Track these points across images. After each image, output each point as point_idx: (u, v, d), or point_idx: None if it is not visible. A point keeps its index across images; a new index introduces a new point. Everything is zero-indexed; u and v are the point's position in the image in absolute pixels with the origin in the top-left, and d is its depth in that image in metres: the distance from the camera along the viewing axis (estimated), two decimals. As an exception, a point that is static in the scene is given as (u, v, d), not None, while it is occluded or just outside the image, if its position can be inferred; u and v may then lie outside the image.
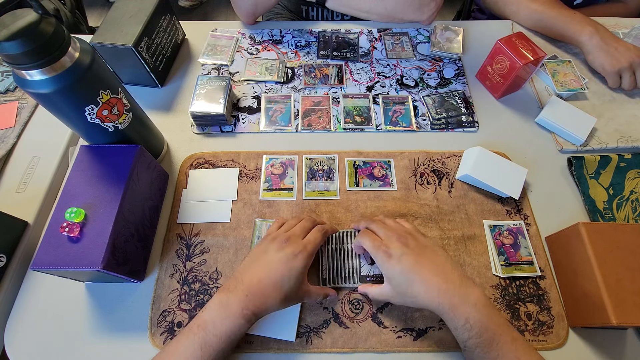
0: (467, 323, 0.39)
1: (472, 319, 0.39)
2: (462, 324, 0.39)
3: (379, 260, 0.44)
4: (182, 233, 0.54)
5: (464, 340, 0.40)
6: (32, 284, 0.51)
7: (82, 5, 1.15)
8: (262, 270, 0.43)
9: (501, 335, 0.39)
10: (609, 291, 0.42)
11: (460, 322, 0.39)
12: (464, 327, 0.39)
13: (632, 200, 0.57)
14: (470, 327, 0.39)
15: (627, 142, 0.63)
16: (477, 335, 0.39)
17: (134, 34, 0.60)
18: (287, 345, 0.47)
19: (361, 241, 0.47)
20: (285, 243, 0.45)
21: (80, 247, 0.42)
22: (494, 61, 0.66)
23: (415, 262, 0.42)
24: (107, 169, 0.47)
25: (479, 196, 0.58)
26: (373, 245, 0.44)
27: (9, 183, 0.58)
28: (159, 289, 0.50)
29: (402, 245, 0.43)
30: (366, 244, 0.45)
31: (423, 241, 0.45)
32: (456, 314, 0.39)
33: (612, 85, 0.69)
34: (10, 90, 0.68)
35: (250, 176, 0.59)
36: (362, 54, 0.75)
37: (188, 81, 0.71)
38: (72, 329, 0.48)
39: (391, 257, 0.42)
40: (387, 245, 0.44)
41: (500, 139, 0.64)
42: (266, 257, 0.44)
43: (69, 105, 0.42)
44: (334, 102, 0.68)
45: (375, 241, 0.45)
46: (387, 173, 0.60)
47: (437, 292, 0.40)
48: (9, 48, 0.36)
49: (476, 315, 0.39)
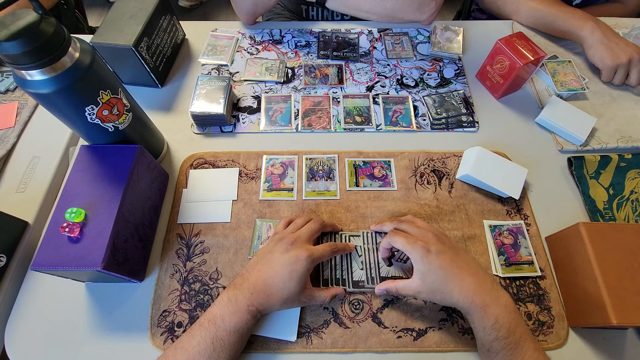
0: (496, 323, 0.40)
1: (501, 320, 0.40)
2: (492, 323, 0.40)
3: (417, 256, 0.43)
4: (182, 233, 0.54)
5: (490, 341, 0.40)
6: (32, 284, 0.51)
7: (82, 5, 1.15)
8: (267, 270, 0.44)
9: (526, 341, 0.40)
10: (609, 291, 0.42)
11: (490, 321, 0.40)
12: (492, 327, 0.40)
13: (632, 200, 0.57)
14: (499, 327, 0.39)
15: (627, 142, 0.63)
16: (504, 337, 0.39)
17: (134, 34, 0.60)
18: (287, 345, 0.47)
19: (392, 240, 0.46)
20: (290, 245, 0.45)
21: (80, 247, 0.42)
22: (494, 61, 0.66)
23: (452, 260, 0.43)
24: (107, 169, 0.47)
25: (479, 196, 0.58)
26: (408, 242, 0.44)
27: (9, 183, 0.58)
28: (159, 289, 0.50)
29: (439, 242, 0.44)
30: (399, 242, 0.45)
31: (454, 243, 0.46)
32: (487, 314, 0.40)
33: (605, 79, 0.70)
34: (10, 90, 0.68)
35: (251, 176, 0.59)
36: (362, 54, 0.75)
37: (188, 81, 0.71)
38: (72, 329, 0.48)
39: (430, 253, 0.42)
40: (424, 241, 0.44)
41: (500, 139, 0.64)
42: (271, 257, 0.45)
43: (69, 106, 0.42)
44: (334, 102, 0.68)
45: (409, 237, 0.44)
46: (387, 173, 0.60)
47: (472, 291, 0.41)
48: (9, 48, 0.36)
49: (506, 317, 0.40)
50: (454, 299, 0.42)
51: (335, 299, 0.48)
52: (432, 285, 0.43)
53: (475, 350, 0.47)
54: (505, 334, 0.39)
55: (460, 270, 0.42)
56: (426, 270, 0.43)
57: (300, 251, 0.44)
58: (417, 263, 0.43)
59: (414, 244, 0.43)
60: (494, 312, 0.40)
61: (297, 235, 0.47)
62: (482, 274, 0.43)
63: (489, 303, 0.40)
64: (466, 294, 0.41)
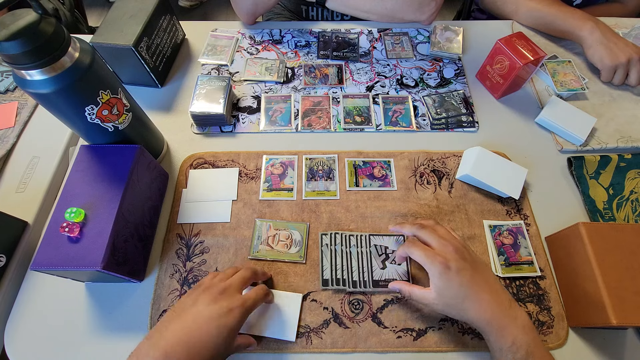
0: (513, 345, 0.38)
1: (519, 341, 0.38)
2: (509, 345, 0.38)
3: (435, 271, 0.41)
4: (182, 233, 0.54)
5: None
6: (32, 284, 0.51)
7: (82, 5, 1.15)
8: (187, 327, 0.37)
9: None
10: (609, 291, 0.42)
11: (507, 343, 0.39)
12: (509, 349, 0.38)
13: (632, 200, 0.57)
14: (516, 349, 0.38)
15: (627, 142, 0.63)
16: (522, 358, 0.38)
17: (134, 34, 0.60)
18: (287, 345, 0.47)
19: (410, 252, 0.43)
20: (220, 295, 0.40)
21: (80, 247, 0.42)
22: (494, 61, 0.66)
23: (471, 278, 0.41)
24: (107, 169, 0.47)
25: (479, 196, 0.58)
26: (427, 255, 0.42)
27: (9, 183, 0.58)
28: (159, 289, 0.50)
29: (460, 258, 0.41)
30: (417, 255, 0.42)
31: (475, 256, 0.44)
32: (504, 335, 0.39)
33: (605, 79, 0.71)
34: (10, 90, 0.68)
35: (250, 176, 0.59)
36: (362, 54, 0.75)
37: (188, 81, 0.71)
38: (72, 329, 0.48)
39: (449, 270, 0.40)
40: (444, 257, 0.41)
41: (500, 139, 0.64)
42: (194, 310, 0.39)
43: (69, 105, 0.42)
44: (334, 102, 0.68)
45: (428, 251, 0.42)
46: (387, 173, 0.60)
47: (489, 311, 0.40)
48: (9, 48, 0.36)
49: (523, 338, 0.38)
50: (470, 317, 0.41)
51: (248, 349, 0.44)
52: (448, 301, 0.41)
53: (475, 351, 0.47)
54: (523, 355, 0.38)
55: (479, 289, 0.40)
56: (444, 286, 0.41)
57: (232, 300, 0.39)
58: (435, 278, 0.41)
59: (433, 258, 0.41)
60: (511, 333, 0.39)
61: (227, 284, 0.41)
62: (501, 293, 0.41)
63: (506, 324, 0.39)
64: (483, 315, 0.40)
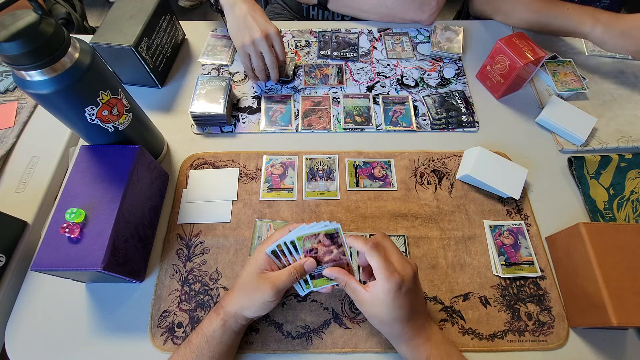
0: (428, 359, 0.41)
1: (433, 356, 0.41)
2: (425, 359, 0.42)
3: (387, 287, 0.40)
4: (182, 233, 0.54)
5: None
6: (32, 284, 0.51)
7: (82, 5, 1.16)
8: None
9: None
10: (609, 291, 0.42)
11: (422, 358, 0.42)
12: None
13: (632, 200, 0.57)
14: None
15: (628, 142, 0.63)
16: None
17: (134, 34, 0.60)
18: (287, 345, 0.47)
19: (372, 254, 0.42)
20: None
21: (80, 247, 0.42)
22: (494, 61, 0.66)
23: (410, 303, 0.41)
24: (107, 169, 0.47)
25: (479, 196, 0.58)
26: (386, 267, 0.40)
27: (9, 183, 0.58)
28: (159, 289, 0.50)
29: (412, 283, 0.41)
30: (376, 261, 0.41)
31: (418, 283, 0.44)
32: (420, 352, 0.42)
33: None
34: (9, 90, 0.68)
35: (251, 176, 0.59)
36: (362, 54, 0.75)
37: (188, 81, 0.71)
38: (72, 329, 0.48)
39: (400, 291, 0.40)
40: (401, 276, 0.40)
41: (500, 139, 0.64)
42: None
43: (69, 106, 0.42)
44: (334, 102, 0.68)
45: (389, 264, 0.41)
46: (388, 173, 0.60)
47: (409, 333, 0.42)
48: (9, 49, 0.35)
49: (437, 352, 0.42)
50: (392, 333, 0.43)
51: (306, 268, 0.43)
52: (378, 312, 0.41)
53: (476, 351, 0.47)
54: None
55: (409, 313, 0.41)
56: (384, 300, 0.40)
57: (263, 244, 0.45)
58: (380, 291, 0.40)
59: (392, 273, 0.40)
60: (426, 350, 0.42)
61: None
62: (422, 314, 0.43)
63: (422, 343, 0.42)
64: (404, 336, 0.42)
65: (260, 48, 0.63)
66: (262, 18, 0.64)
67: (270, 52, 0.64)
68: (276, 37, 0.64)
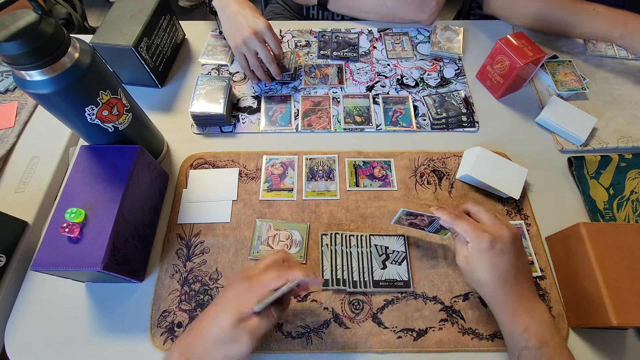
0: (525, 332, 0.39)
1: (532, 330, 0.39)
2: (520, 331, 0.40)
3: (478, 246, 0.41)
4: (182, 233, 0.54)
5: (519, 349, 0.40)
6: (32, 284, 0.51)
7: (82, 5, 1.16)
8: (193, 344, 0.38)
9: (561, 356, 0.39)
10: (609, 291, 0.42)
11: (517, 329, 0.40)
12: (521, 335, 0.39)
13: (632, 200, 0.57)
14: (528, 337, 0.39)
15: (628, 142, 0.63)
16: (535, 347, 0.39)
17: (134, 34, 0.60)
18: (287, 345, 0.47)
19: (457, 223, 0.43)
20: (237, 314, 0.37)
21: (80, 247, 0.42)
22: (494, 61, 0.66)
23: (508, 264, 0.41)
24: (107, 169, 0.47)
25: (479, 196, 0.58)
26: (474, 229, 0.41)
27: (9, 183, 0.58)
28: (159, 289, 0.50)
29: (509, 243, 0.41)
30: (463, 227, 0.42)
31: (523, 251, 0.43)
32: (516, 321, 0.40)
33: None
34: (10, 90, 0.68)
35: (251, 176, 0.59)
36: (362, 54, 0.75)
37: (188, 81, 0.71)
38: (72, 329, 0.48)
39: (492, 249, 0.40)
40: (493, 235, 0.41)
41: (500, 139, 0.64)
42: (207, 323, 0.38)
43: (69, 106, 0.42)
44: (334, 102, 0.68)
45: (477, 226, 0.42)
46: (387, 173, 0.60)
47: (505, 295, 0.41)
48: (9, 48, 0.36)
49: (538, 329, 0.39)
50: (485, 293, 0.42)
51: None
52: (473, 270, 0.42)
53: (476, 351, 0.47)
54: (536, 344, 0.38)
55: (507, 275, 0.41)
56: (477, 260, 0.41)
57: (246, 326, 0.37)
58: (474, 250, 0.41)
59: (481, 232, 0.41)
60: (523, 322, 0.40)
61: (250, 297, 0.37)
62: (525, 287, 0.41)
63: (520, 312, 0.40)
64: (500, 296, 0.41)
65: (252, 46, 0.62)
66: (251, 14, 0.62)
67: (264, 48, 0.62)
68: (267, 32, 0.62)
